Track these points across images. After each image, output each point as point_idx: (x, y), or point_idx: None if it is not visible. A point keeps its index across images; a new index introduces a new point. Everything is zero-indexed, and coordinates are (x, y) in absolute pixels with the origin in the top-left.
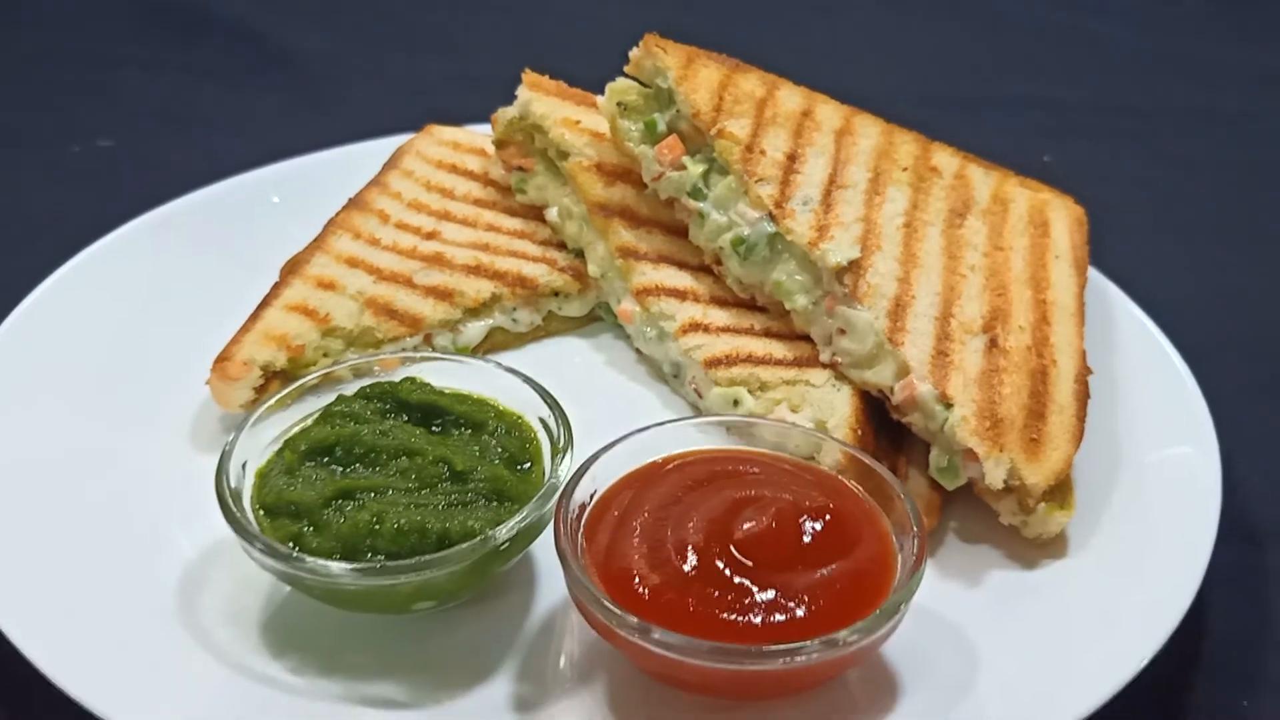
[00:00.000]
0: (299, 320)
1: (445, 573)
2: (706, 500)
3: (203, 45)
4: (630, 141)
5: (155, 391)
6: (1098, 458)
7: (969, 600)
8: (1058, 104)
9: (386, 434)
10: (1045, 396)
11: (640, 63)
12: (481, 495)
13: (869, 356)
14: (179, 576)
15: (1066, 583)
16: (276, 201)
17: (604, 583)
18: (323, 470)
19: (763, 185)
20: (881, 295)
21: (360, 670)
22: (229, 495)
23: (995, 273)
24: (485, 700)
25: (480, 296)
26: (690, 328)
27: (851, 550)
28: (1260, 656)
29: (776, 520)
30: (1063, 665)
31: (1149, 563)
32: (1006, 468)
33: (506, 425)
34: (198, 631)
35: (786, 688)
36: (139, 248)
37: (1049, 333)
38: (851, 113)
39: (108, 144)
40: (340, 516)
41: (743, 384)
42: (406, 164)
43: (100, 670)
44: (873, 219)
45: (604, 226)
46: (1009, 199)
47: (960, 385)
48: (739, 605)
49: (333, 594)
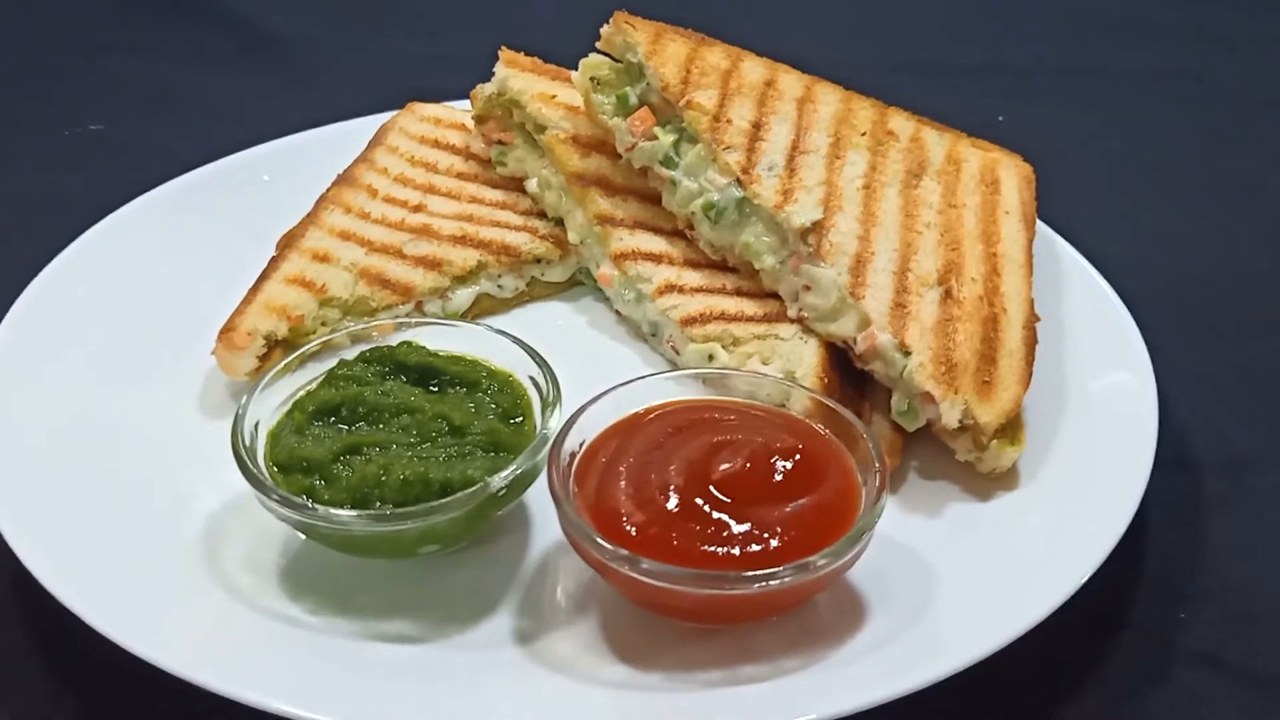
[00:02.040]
0: (297, 292)
1: (448, 518)
2: (686, 445)
3: (188, 28)
4: (604, 114)
5: (164, 362)
6: (1047, 396)
7: (928, 530)
8: (1012, 67)
9: (387, 394)
10: (996, 342)
11: (611, 39)
12: (479, 447)
13: (833, 310)
14: (202, 530)
15: (1017, 511)
16: (267, 180)
17: (594, 522)
18: (330, 429)
19: (730, 153)
20: (843, 253)
21: (372, 610)
22: (245, 453)
23: (949, 229)
24: (488, 634)
25: (467, 265)
26: (666, 289)
27: (819, 486)
28: (1195, 574)
29: (750, 460)
30: (1012, 584)
31: (1092, 489)
32: (961, 409)
33: (498, 383)
34: (222, 578)
35: (763, 611)
36: (141, 227)
37: (999, 283)
38: (812, 81)
39: (98, 127)
40: (349, 470)
41: (717, 340)
42: (391, 140)
43: (135, 615)
44: (834, 182)
45: (582, 195)
46: (961, 159)
47: (917, 334)
48: (718, 537)
49: (344, 540)
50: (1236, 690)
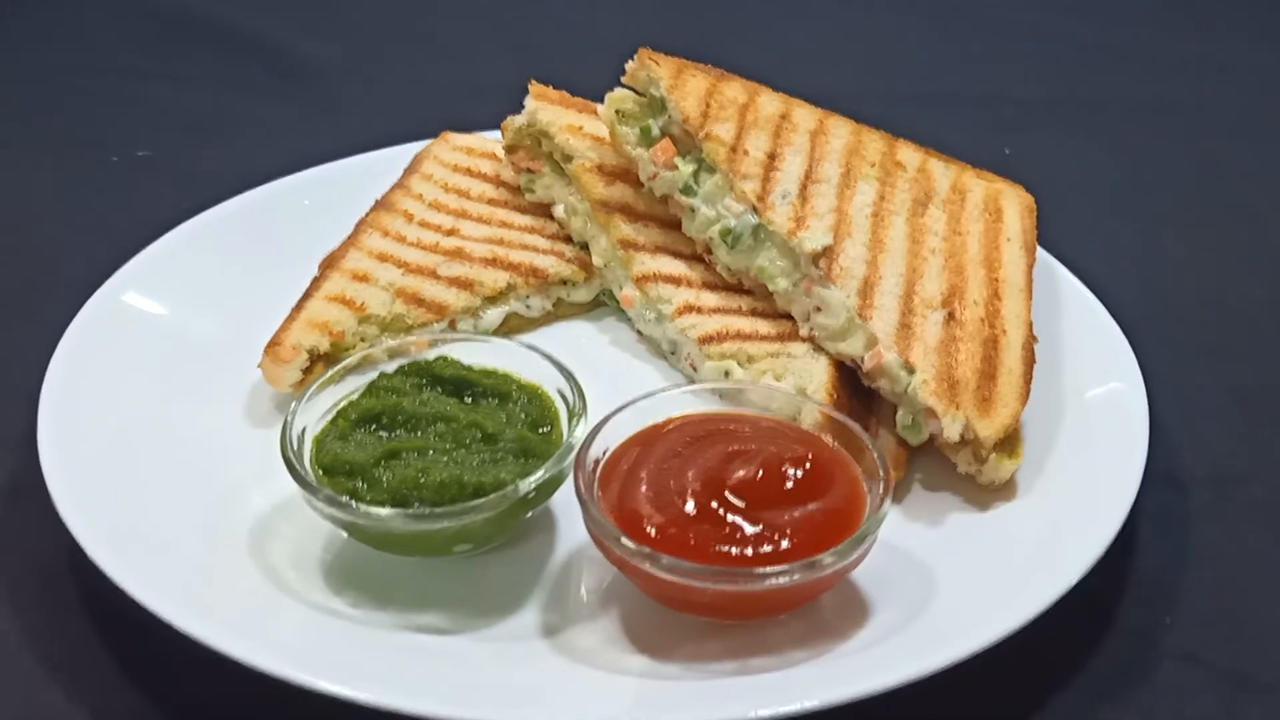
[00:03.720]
0: (339, 309)
1: (480, 518)
2: (703, 453)
3: (231, 58)
4: (628, 145)
5: (213, 374)
6: (1043, 411)
7: (929, 537)
8: (1018, 100)
9: (425, 404)
10: (996, 361)
11: (635, 74)
12: (510, 453)
13: (842, 330)
14: (252, 527)
15: (1013, 519)
16: (307, 204)
17: (617, 523)
18: (371, 436)
19: (746, 182)
20: (852, 276)
21: (409, 604)
22: (293, 456)
23: (953, 255)
24: (516, 627)
25: (497, 285)
26: (685, 309)
27: (827, 492)
28: (1182, 583)
29: (763, 468)
30: (1005, 586)
31: (1084, 499)
32: (962, 424)
33: (528, 395)
34: (271, 573)
35: (774, 607)
36: (192, 248)
37: (1000, 306)
38: (825, 115)
39: (145, 154)
40: (389, 473)
41: (732, 357)
42: (426, 168)
43: (191, 602)
44: (844, 210)
45: (606, 221)
46: (966, 189)
47: (921, 353)
48: (732, 538)
49: (384, 538)
50: (1217, 687)
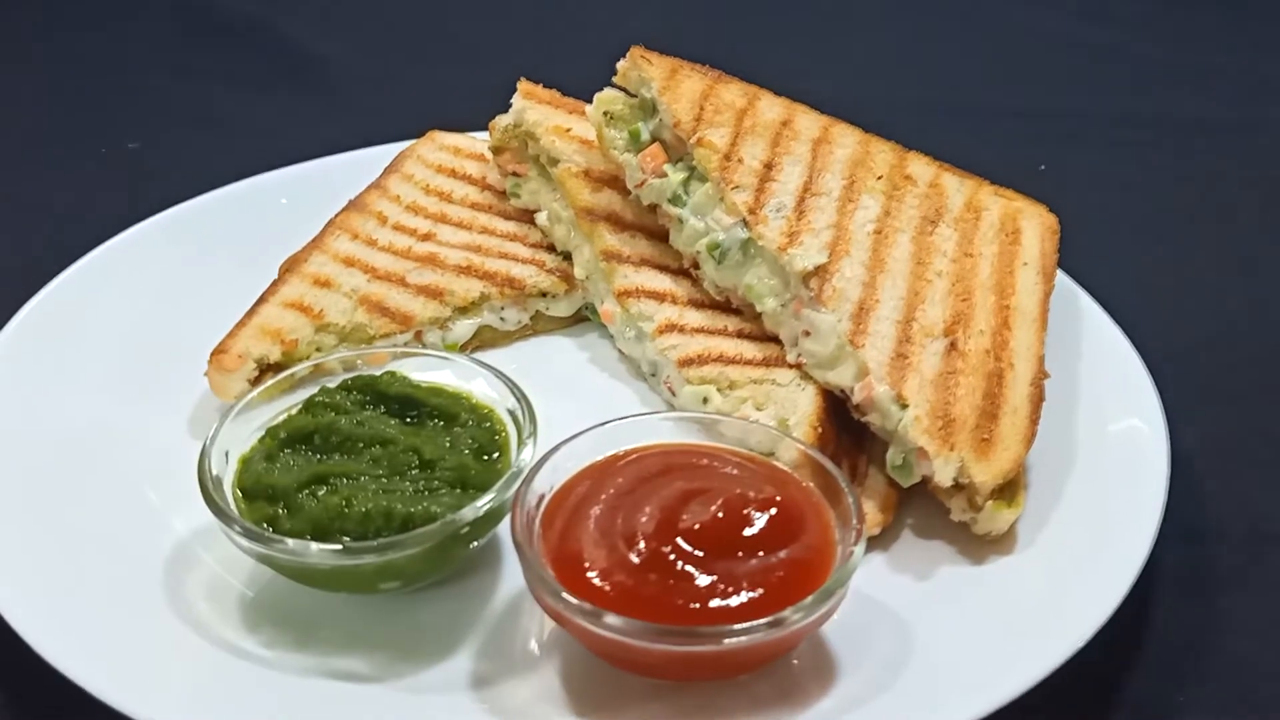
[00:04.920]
0: (294, 316)
1: (405, 555)
2: (658, 491)
3: (228, 52)
4: (615, 149)
5: (159, 382)
6: (1052, 455)
7: (914, 591)
8: (1055, 113)
9: (363, 424)
10: (999, 398)
11: (626, 74)
12: (447, 483)
13: (831, 358)
14: (169, 554)
15: (1010, 575)
16: (285, 203)
17: (558, 569)
18: (300, 457)
19: (738, 192)
20: (846, 299)
21: (329, 645)
22: (210, 480)
23: (961, 278)
24: (443, 676)
25: (469, 296)
26: (667, 328)
27: (795, 540)
28: (1199, 653)
29: (724, 510)
30: (996, 652)
31: (1092, 555)
32: (956, 466)
33: (478, 418)
34: (181, 605)
35: (731, 668)
36: (152, 246)
37: (1009, 337)
38: (830, 122)
39: (134, 146)
40: (313, 500)
41: (712, 382)
42: (407, 168)
43: (78, 637)
44: (844, 225)
45: (590, 230)
46: (982, 207)
47: (916, 386)
48: (685, 590)
49: (304, 573)
50: None
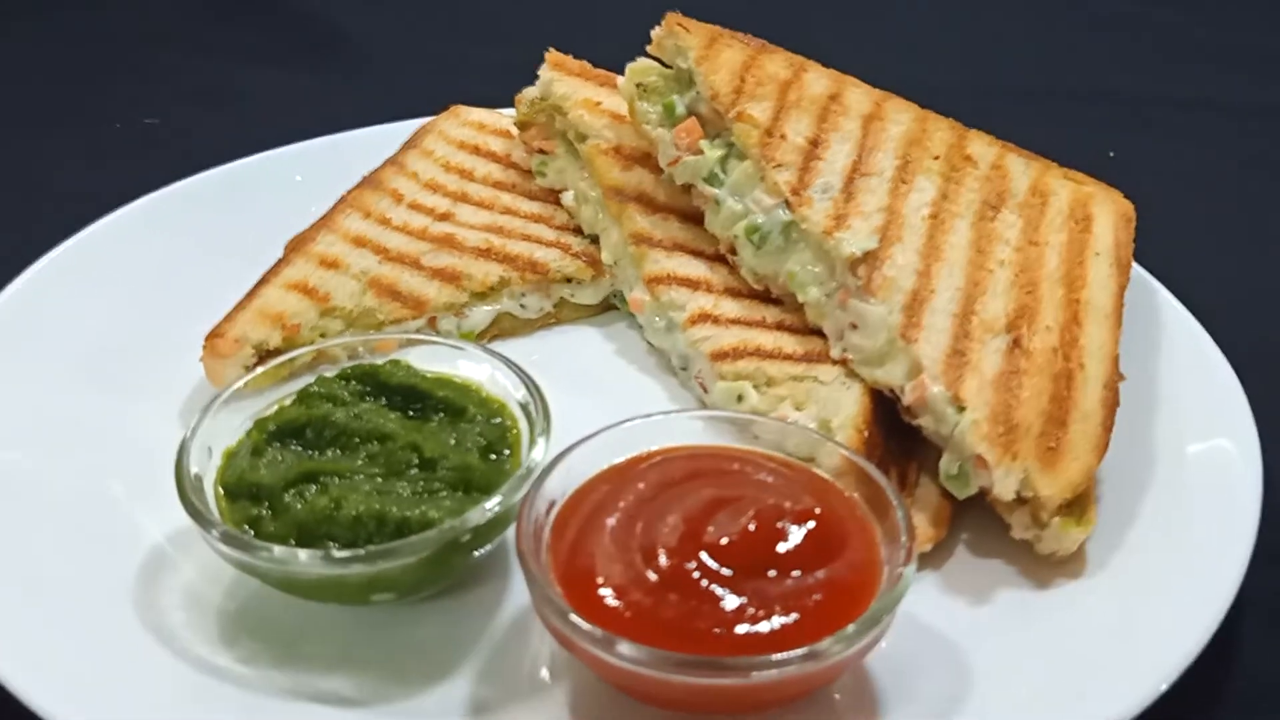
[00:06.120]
0: (297, 299)
1: (399, 564)
2: (683, 500)
3: (252, 25)
4: (648, 124)
5: (153, 370)
6: (1128, 467)
7: (970, 618)
8: (1126, 96)
9: (360, 417)
10: (1068, 402)
11: (662, 42)
12: (448, 484)
13: (880, 353)
14: (145, 557)
15: (1079, 604)
16: (299, 180)
17: (567, 586)
18: (289, 452)
19: (780, 171)
20: (898, 289)
21: (315, 662)
22: (188, 479)
23: (1026, 269)
24: (441, 701)
25: (488, 280)
26: (699, 318)
27: (835, 559)
28: None
29: (756, 523)
30: (1064, 692)
31: (1174, 583)
32: (1019, 478)
33: (488, 412)
34: (152, 616)
35: (762, 703)
36: (155, 223)
37: (1079, 334)
38: (883, 97)
39: (152, 121)
40: (300, 500)
41: (748, 378)
42: (427, 144)
43: (35, 655)
44: (896, 209)
45: (619, 211)
46: (1049, 191)
47: (975, 387)
48: (710, 614)
49: (289, 583)
50: None
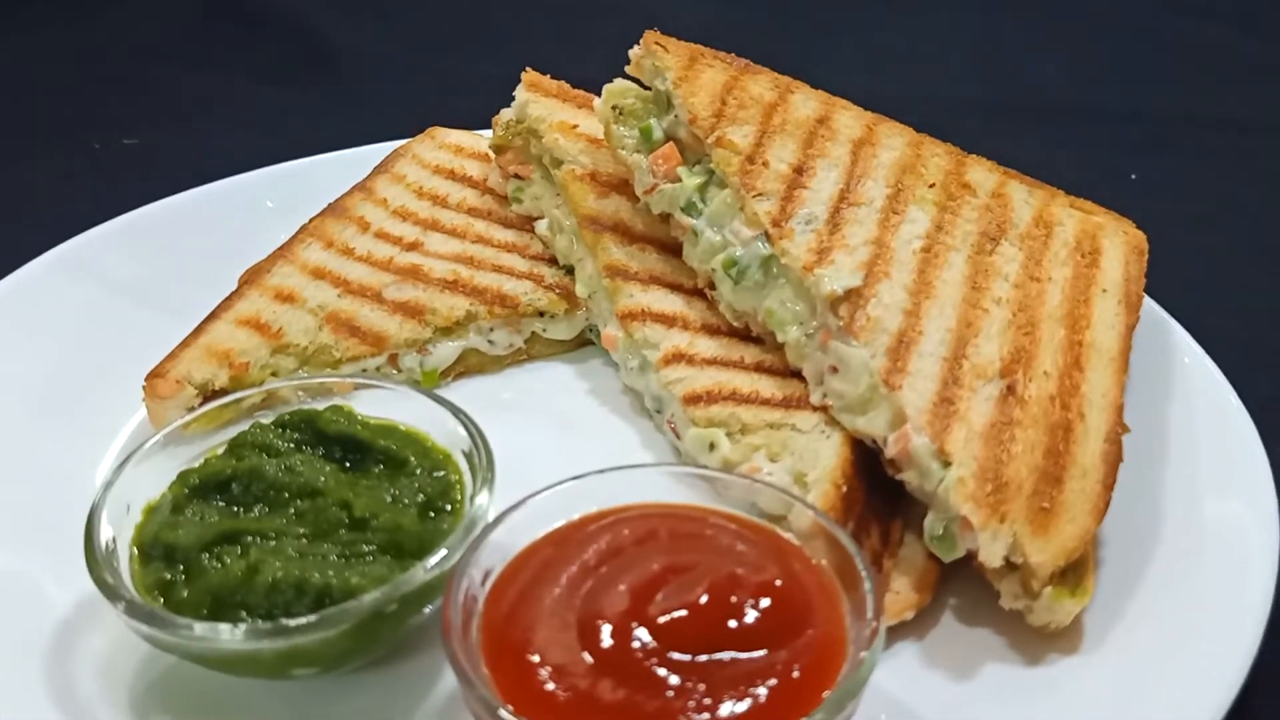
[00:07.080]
0: (248, 335)
1: (317, 638)
2: (632, 567)
3: (245, 44)
4: (624, 149)
5: (98, 408)
6: (1131, 531)
7: (951, 694)
8: (1148, 115)
9: (291, 470)
10: (1065, 457)
11: (640, 62)
12: (379, 547)
13: (861, 400)
14: (59, 621)
15: (1073, 683)
16: (270, 206)
17: (499, 667)
18: (211, 509)
19: (761, 200)
20: (882, 330)
21: None
22: (97, 542)
23: (1025, 307)
24: None
25: (453, 315)
26: (673, 358)
27: (795, 637)
28: None
29: (709, 595)
30: None
31: (1178, 659)
32: (1007, 542)
33: (431, 464)
34: (65, 688)
35: None
36: (106, 253)
37: (1079, 380)
38: (875, 121)
39: (131, 142)
40: (216, 564)
41: (722, 425)
42: (399, 168)
43: None
44: (885, 242)
45: (593, 242)
46: (1054, 222)
47: (962, 440)
48: (655, 702)
49: (201, 656)
50: None
